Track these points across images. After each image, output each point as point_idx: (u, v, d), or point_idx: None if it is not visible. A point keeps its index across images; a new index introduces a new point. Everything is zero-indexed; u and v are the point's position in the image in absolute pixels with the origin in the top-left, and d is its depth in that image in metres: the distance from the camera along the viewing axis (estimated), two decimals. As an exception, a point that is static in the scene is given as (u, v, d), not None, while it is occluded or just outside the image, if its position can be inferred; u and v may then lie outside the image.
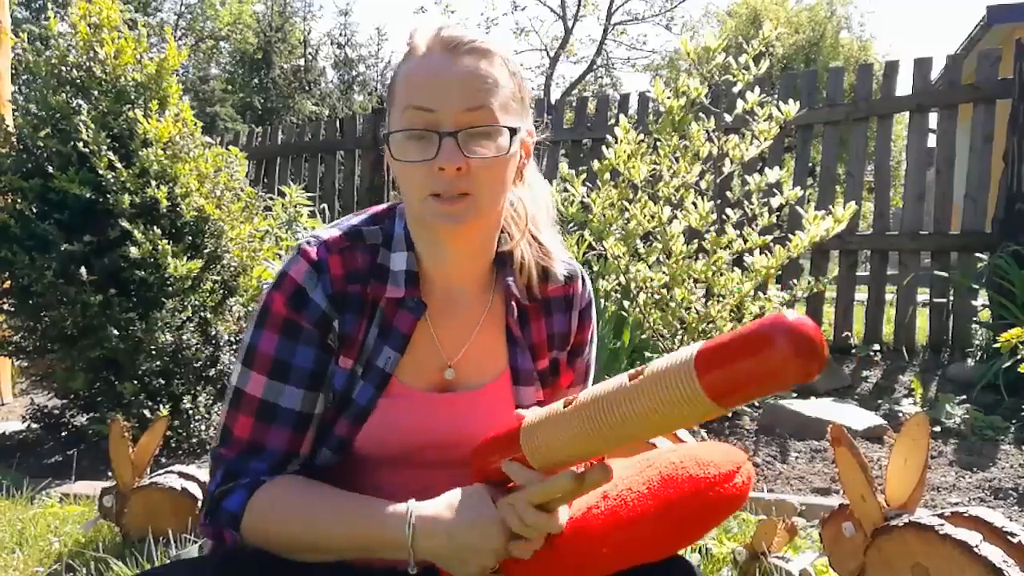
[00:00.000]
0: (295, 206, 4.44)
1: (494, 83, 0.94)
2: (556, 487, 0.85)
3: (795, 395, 3.44)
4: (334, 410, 1.00)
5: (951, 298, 4.20)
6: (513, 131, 0.95)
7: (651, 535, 0.86)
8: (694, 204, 3.09)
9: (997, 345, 2.70)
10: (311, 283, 0.97)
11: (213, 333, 3.05)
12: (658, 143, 3.16)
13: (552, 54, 22.10)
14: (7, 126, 2.99)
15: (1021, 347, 2.60)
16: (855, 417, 3.04)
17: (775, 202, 3.08)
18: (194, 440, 2.96)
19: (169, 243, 2.82)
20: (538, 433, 0.86)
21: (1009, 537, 1.40)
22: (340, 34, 21.25)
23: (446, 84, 0.92)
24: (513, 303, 1.06)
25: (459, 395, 1.04)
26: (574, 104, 5.93)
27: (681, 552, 1.01)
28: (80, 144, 2.78)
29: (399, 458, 1.02)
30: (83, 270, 2.68)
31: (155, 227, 2.82)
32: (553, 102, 5.97)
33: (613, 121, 5.03)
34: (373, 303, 1.00)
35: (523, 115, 1.00)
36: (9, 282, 2.92)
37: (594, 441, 0.82)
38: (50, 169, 2.79)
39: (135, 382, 2.84)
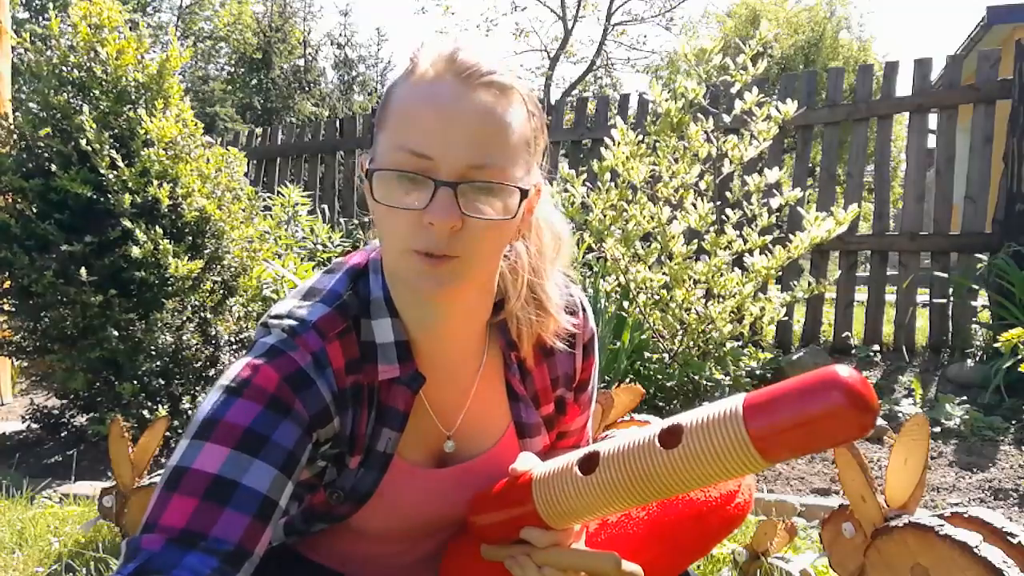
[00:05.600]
0: (293, 205, 4.45)
1: (508, 132, 0.78)
2: (595, 566, 0.82)
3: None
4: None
5: (951, 298, 4.20)
6: (523, 193, 0.80)
7: (651, 562, 0.85)
8: (693, 205, 3.10)
9: (997, 345, 2.70)
10: (316, 373, 0.82)
11: (213, 333, 3.05)
12: (657, 144, 3.16)
13: (552, 55, 22.10)
14: (8, 125, 2.99)
15: (1021, 347, 2.60)
16: (855, 418, 3.04)
17: (775, 203, 3.08)
18: (194, 440, 2.95)
19: (170, 243, 2.82)
20: (558, 497, 0.82)
21: (1009, 538, 1.40)
22: (340, 34, 21.26)
23: (451, 128, 0.75)
24: (512, 357, 0.95)
25: (462, 467, 0.94)
26: (574, 104, 5.93)
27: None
28: (83, 143, 2.78)
29: (396, 531, 0.96)
30: (83, 270, 2.68)
31: (156, 227, 2.82)
32: (553, 102, 5.96)
33: (613, 122, 5.04)
34: (369, 387, 0.87)
35: (535, 160, 0.86)
36: (9, 282, 2.92)
37: (625, 504, 0.79)
38: (53, 167, 2.78)
39: (135, 382, 2.84)
